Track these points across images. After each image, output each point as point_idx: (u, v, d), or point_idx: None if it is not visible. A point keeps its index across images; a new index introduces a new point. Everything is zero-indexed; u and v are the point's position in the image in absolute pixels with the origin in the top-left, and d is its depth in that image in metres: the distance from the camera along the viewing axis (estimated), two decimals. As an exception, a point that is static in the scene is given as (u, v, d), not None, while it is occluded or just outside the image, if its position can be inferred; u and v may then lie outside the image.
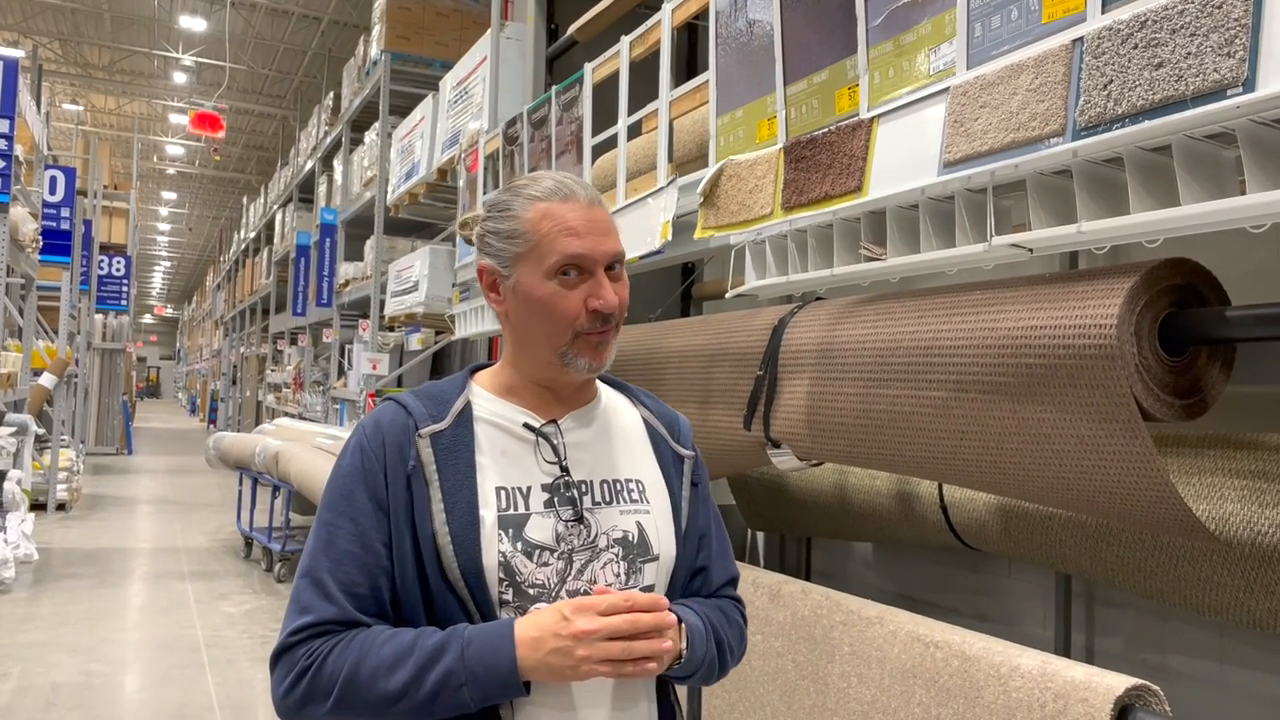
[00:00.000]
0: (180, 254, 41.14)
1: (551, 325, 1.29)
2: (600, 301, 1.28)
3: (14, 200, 6.66)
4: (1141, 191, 1.59)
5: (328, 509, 1.29)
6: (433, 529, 1.24)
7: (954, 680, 1.81)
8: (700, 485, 1.47)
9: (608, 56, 3.58)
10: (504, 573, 1.24)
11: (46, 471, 9.42)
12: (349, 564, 1.24)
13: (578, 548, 1.29)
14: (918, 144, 1.97)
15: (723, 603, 1.45)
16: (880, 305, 2.21)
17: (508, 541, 1.25)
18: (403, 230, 9.03)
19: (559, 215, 1.30)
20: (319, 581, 1.23)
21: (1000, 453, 1.87)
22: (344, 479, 1.29)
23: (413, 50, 8.45)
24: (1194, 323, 1.65)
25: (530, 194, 1.33)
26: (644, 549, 1.33)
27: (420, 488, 1.26)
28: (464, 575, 1.22)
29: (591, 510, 1.31)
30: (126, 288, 15.48)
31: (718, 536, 1.48)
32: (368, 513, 1.26)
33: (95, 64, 18.70)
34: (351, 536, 1.25)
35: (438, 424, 1.30)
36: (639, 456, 1.41)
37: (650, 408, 1.48)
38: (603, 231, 1.31)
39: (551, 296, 1.29)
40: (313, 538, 1.29)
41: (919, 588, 3.38)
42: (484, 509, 1.26)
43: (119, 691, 4.55)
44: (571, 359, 1.30)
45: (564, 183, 1.33)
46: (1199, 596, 2.06)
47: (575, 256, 1.28)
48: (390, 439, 1.30)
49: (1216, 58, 1.39)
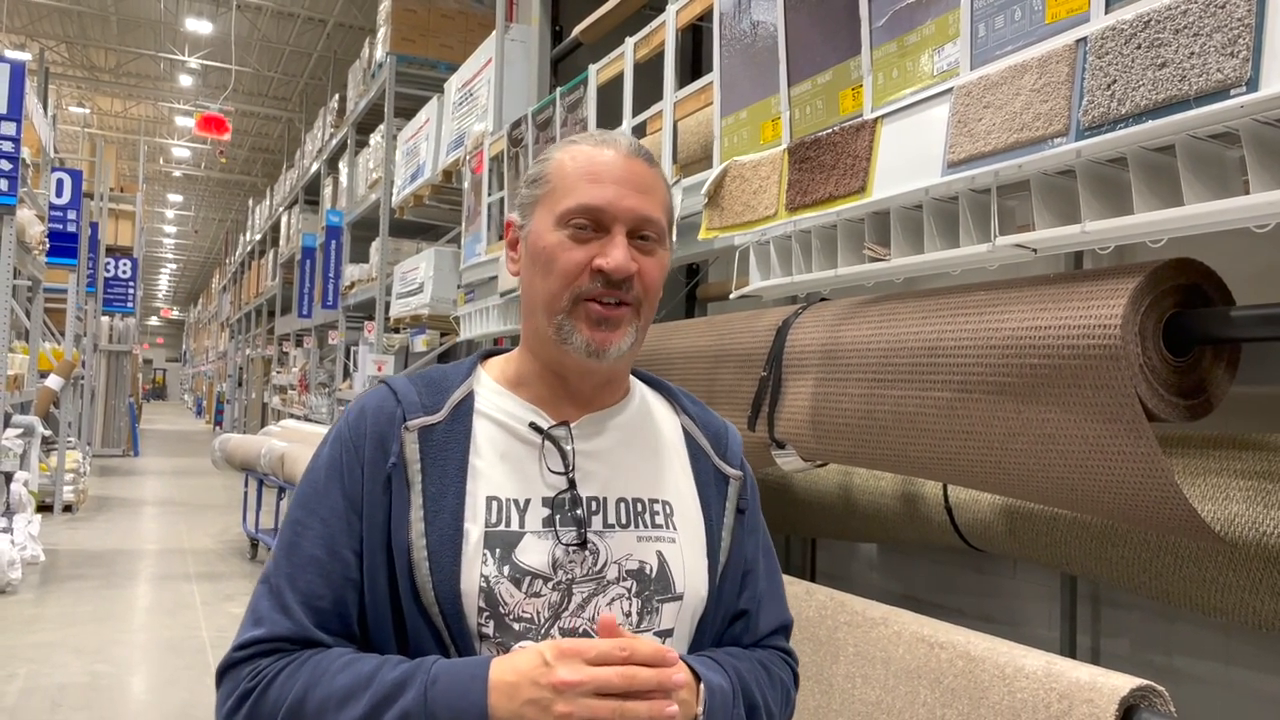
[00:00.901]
0: (186, 256, 41.24)
1: (548, 283, 1.09)
2: (606, 259, 1.06)
3: (21, 202, 6.69)
4: (1145, 191, 1.59)
5: (298, 505, 1.11)
6: (408, 540, 1.05)
7: (959, 681, 1.81)
8: (749, 512, 1.24)
9: (612, 58, 3.58)
10: (485, 601, 1.04)
11: (53, 473, 9.45)
12: (312, 571, 1.05)
13: (579, 578, 1.08)
14: (922, 144, 1.97)
15: (767, 655, 1.21)
16: (884, 306, 2.21)
17: (493, 563, 1.05)
18: (408, 232, 9.04)
19: (586, 157, 1.11)
20: (277, 590, 1.06)
21: (1005, 453, 1.87)
22: (319, 471, 1.11)
23: (418, 52, 8.47)
24: (1198, 323, 1.64)
25: (571, 140, 1.15)
26: (664, 585, 1.11)
27: (400, 489, 1.07)
28: (438, 599, 1.03)
29: (601, 534, 1.10)
30: (133, 290, 15.51)
31: (768, 574, 1.25)
32: (339, 513, 1.07)
33: (101, 67, 18.76)
34: (318, 540, 1.07)
35: (430, 416, 1.11)
36: (671, 472, 1.19)
37: (694, 415, 1.25)
38: (636, 187, 1.09)
39: (555, 247, 1.08)
40: (279, 537, 1.12)
41: (924, 588, 3.37)
42: (470, 522, 1.06)
43: (125, 692, 4.56)
44: (569, 332, 1.08)
45: (610, 133, 1.16)
46: (1205, 597, 2.05)
47: (588, 206, 1.08)
48: (373, 428, 1.10)
49: (1220, 57, 1.39)
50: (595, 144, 1.13)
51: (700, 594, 1.14)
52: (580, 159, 1.11)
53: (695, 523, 1.17)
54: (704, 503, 1.18)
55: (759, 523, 1.27)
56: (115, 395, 16.12)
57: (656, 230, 1.11)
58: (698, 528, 1.16)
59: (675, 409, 1.25)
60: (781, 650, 1.24)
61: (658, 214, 1.11)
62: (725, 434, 1.26)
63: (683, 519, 1.16)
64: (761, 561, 1.25)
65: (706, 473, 1.21)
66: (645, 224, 1.09)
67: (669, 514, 1.15)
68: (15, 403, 7.71)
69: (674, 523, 1.14)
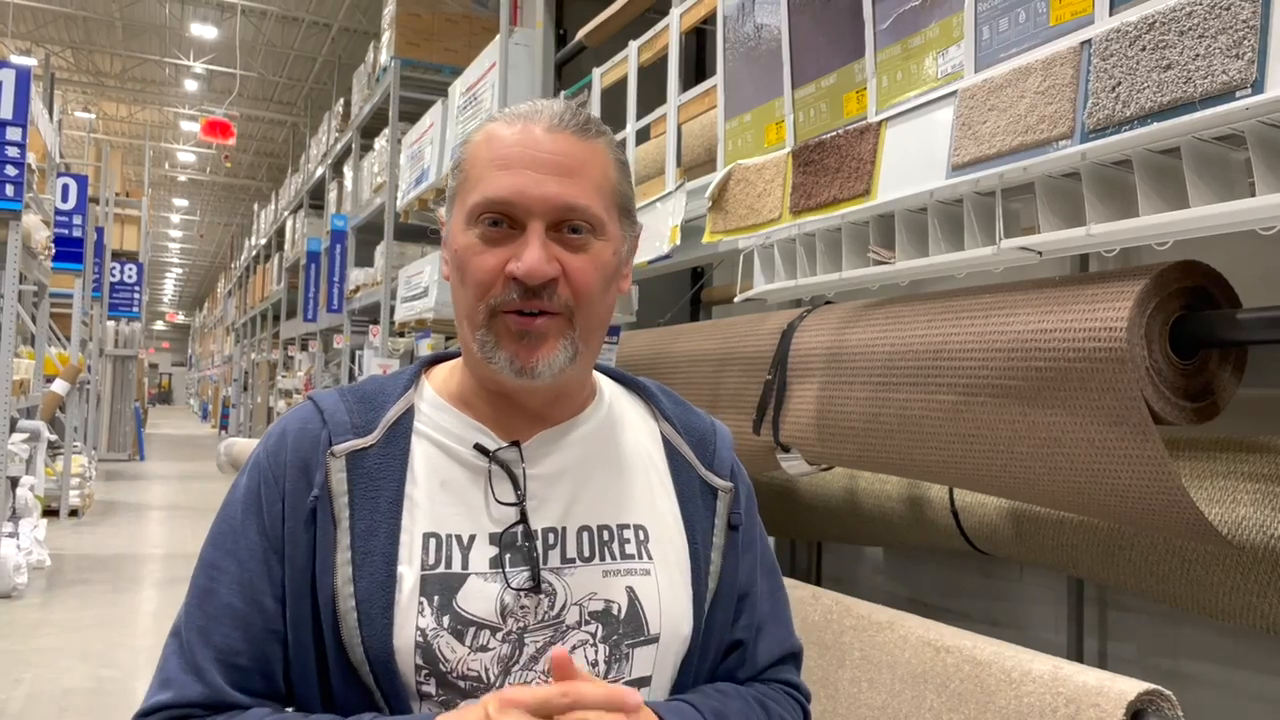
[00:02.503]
0: (192, 261, 41.33)
1: (465, 293, 0.93)
2: (518, 264, 0.88)
3: (27, 208, 6.70)
4: (1151, 194, 1.59)
5: (211, 544, 0.95)
6: (333, 586, 0.89)
7: (965, 685, 1.80)
8: (743, 527, 1.06)
9: (616, 61, 3.59)
10: (423, 658, 0.88)
11: (59, 478, 9.46)
12: (228, 623, 0.91)
13: (532, 626, 0.92)
14: (926, 147, 1.97)
15: (767, 691, 1.04)
16: (889, 309, 2.21)
17: (430, 614, 0.89)
18: (413, 236, 9.04)
19: (498, 139, 0.92)
20: (188, 646, 0.91)
21: (1011, 457, 1.87)
22: (234, 506, 0.95)
23: (422, 57, 8.48)
24: (1205, 325, 1.64)
25: (494, 115, 0.97)
26: (634, 627, 0.95)
27: (325, 526, 0.91)
28: (369, 658, 0.88)
29: (559, 571, 0.94)
30: (138, 294, 15.55)
31: (769, 597, 1.08)
32: (257, 555, 0.92)
33: (107, 72, 18.81)
34: (234, 586, 0.91)
35: (361, 438, 0.94)
36: (645, 491, 1.01)
37: (675, 419, 1.07)
38: (557, 169, 0.90)
39: (465, 251, 0.92)
40: (192, 582, 0.96)
41: (930, 592, 3.36)
42: (404, 564, 0.90)
43: (131, 697, 4.56)
44: (491, 349, 0.91)
45: (540, 105, 0.96)
46: (1212, 601, 2.04)
47: (493, 200, 0.90)
48: (294, 454, 0.94)
49: (1225, 59, 1.38)
50: (512, 119, 0.94)
51: (681, 633, 0.97)
52: (494, 140, 0.92)
53: (677, 547, 1.00)
54: (687, 522, 1.01)
55: (756, 537, 1.10)
56: (121, 400, 16.15)
57: (589, 218, 0.91)
58: (680, 553, 1.00)
59: (653, 413, 1.08)
60: (788, 685, 1.07)
61: (586, 199, 0.91)
62: (713, 437, 1.09)
63: (660, 545, 0.99)
64: (761, 582, 1.07)
65: (690, 486, 1.03)
66: (569, 213, 0.90)
67: (642, 540, 0.98)
68: (21, 408, 7.73)
69: (648, 550, 0.98)
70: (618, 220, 0.97)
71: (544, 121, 0.92)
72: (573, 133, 0.93)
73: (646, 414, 1.08)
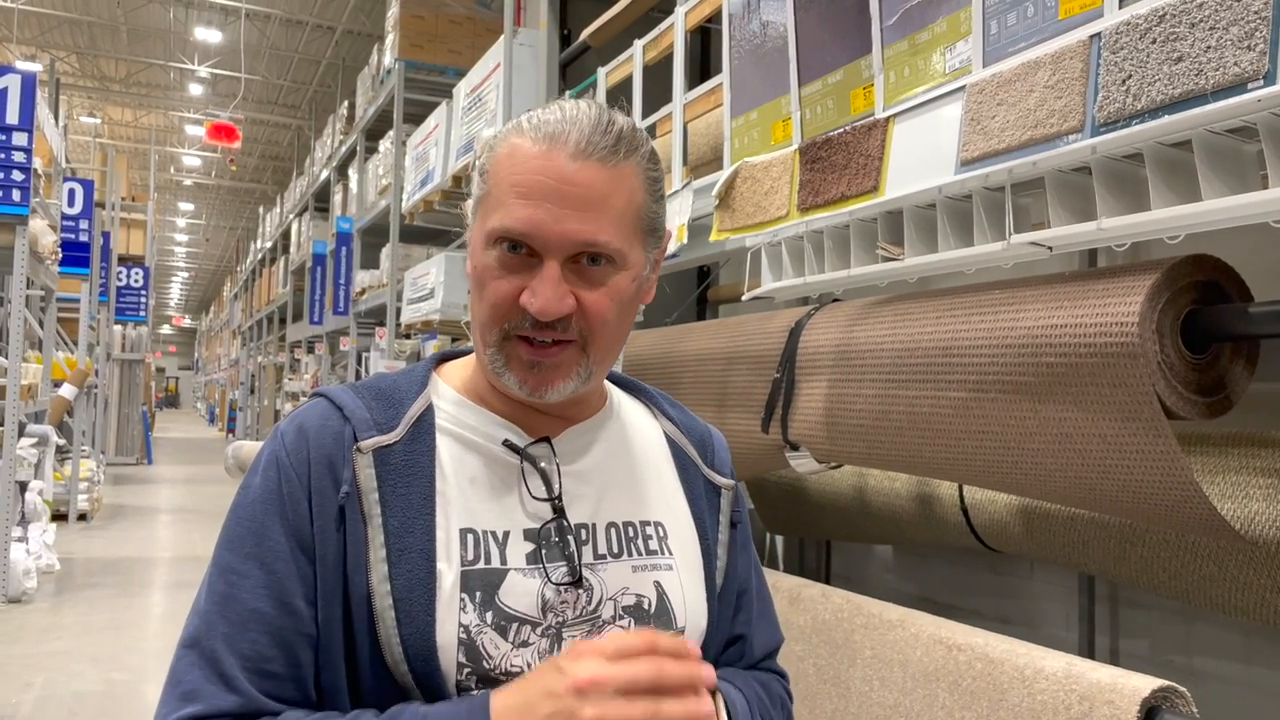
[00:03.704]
0: (197, 264, 41.45)
1: (481, 308, 0.93)
2: (532, 299, 0.88)
3: (33, 213, 6.72)
4: (1162, 187, 1.58)
5: (227, 548, 0.91)
6: (369, 586, 0.87)
7: (978, 683, 1.80)
8: (741, 526, 1.11)
9: (621, 61, 3.58)
10: (465, 655, 0.87)
11: (67, 482, 9.49)
12: (256, 629, 0.87)
13: (570, 620, 0.92)
14: (934, 143, 1.96)
15: (764, 677, 1.10)
16: (898, 306, 2.20)
17: (473, 610, 0.88)
18: (418, 238, 9.06)
19: (523, 159, 0.90)
20: (211, 656, 0.87)
21: (1021, 453, 1.86)
22: (252, 507, 0.91)
23: (426, 58, 8.49)
24: (1217, 319, 1.63)
25: (523, 121, 0.94)
26: (664, 620, 0.97)
27: (355, 525, 0.89)
28: (408, 656, 0.86)
29: (593, 566, 0.95)
30: (145, 298, 15.58)
31: (759, 593, 1.13)
32: (284, 556, 0.88)
33: (112, 77, 18.87)
34: (260, 590, 0.88)
35: (385, 435, 0.93)
36: (661, 489, 1.04)
37: (677, 420, 1.11)
38: (579, 204, 0.88)
39: (483, 271, 0.92)
40: (204, 591, 0.91)
41: (940, 590, 3.35)
42: (442, 560, 0.89)
43: (142, 701, 4.56)
44: (501, 368, 0.93)
45: (569, 118, 0.91)
46: (1225, 597, 2.03)
47: (511, 231, 0.89)
48: (317, 451, 0.92)
49: (1236, 51, 1.38)
50: (538, 138, 0.90)
51: (700, 626, 1.00)
52: (518, 160, 0.90)
53: (690, 544, 1.03)
54: (697, 520, 1.04)
55: (749, 537, 1.14)
56: (128, 404, 16.19)
57: (609, 253, 0.91)
58: (693, 550, 1.03)
59: (655, 414, 1.11)
60: (777, 673, 1.14)
61: (607, 235, 0.90)
62: (710, 439, 1.13)
63: (678, 541, 1.02)
64: (754, 579, 1.12)
65: (697, 485, 1.06)
66: (588, 248, 0.89)
67: (663, 537, 1.01)
68: (29, 412, 7.75)
69: (669, 546, 1.00)
70: (641, 244, 0.96)
71: (570, 146, 0.89)
72: (600, 160, 0.90)
73: (648, 414, 1.11)
